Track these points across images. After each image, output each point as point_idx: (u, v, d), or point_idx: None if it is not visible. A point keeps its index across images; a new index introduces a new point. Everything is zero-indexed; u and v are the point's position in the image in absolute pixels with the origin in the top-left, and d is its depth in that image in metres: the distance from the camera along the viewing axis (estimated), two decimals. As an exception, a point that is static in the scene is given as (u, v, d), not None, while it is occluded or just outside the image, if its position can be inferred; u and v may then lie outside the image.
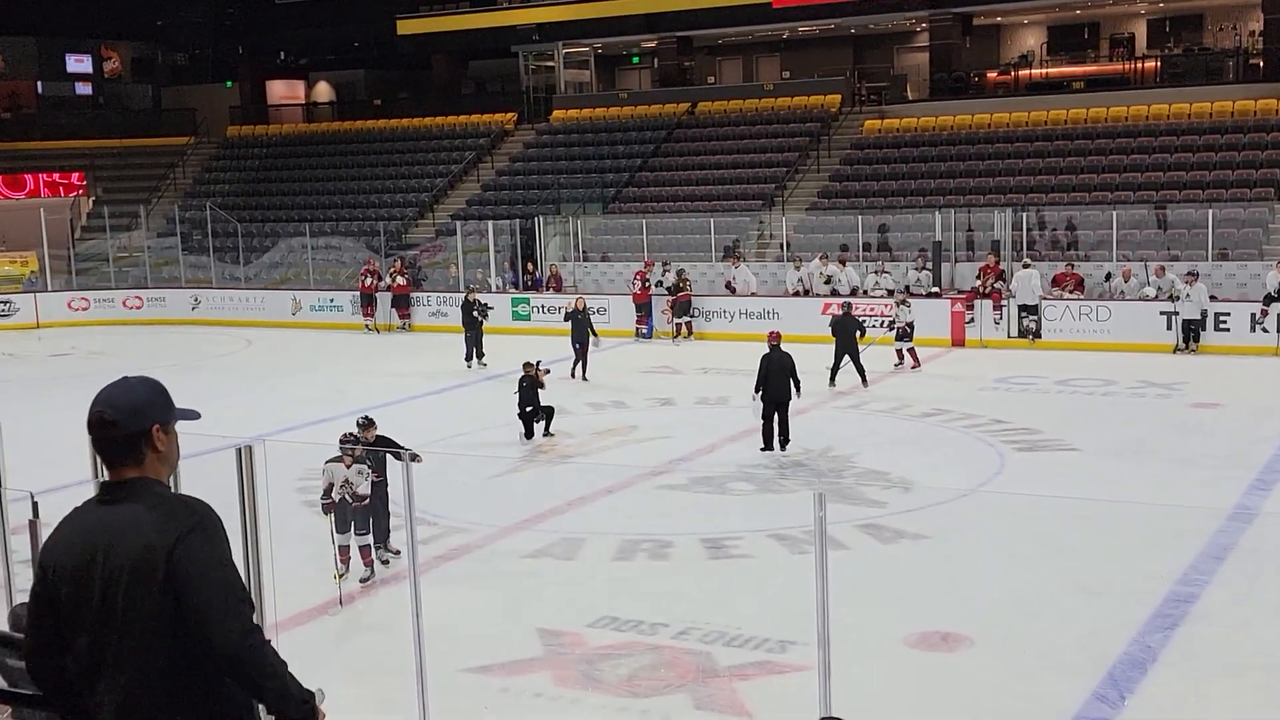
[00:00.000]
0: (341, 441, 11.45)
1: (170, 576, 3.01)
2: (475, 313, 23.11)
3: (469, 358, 23.09)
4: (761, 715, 8.57)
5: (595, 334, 22.05)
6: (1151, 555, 11.49)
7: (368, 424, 12.08)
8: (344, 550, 11.41)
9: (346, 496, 11.28)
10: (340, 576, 11.32)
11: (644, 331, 26.18)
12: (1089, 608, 10.46)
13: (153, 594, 3.02)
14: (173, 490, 3.31)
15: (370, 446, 11.70)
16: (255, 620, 3.09)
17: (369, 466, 11.38)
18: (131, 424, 3.16)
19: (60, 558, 3.15)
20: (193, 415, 3.37)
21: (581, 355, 21.58)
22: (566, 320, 22.04)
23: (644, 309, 26.30)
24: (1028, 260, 23.99)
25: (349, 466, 11.30)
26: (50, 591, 3.15)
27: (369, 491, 11.38)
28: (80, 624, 3.10)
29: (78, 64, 43.62)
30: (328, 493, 11.36)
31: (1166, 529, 12.23)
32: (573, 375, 21.20)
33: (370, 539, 11.45)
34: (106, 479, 3.19)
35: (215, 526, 3.13)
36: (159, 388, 3.29)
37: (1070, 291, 23.76)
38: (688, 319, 25.95)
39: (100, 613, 3.05)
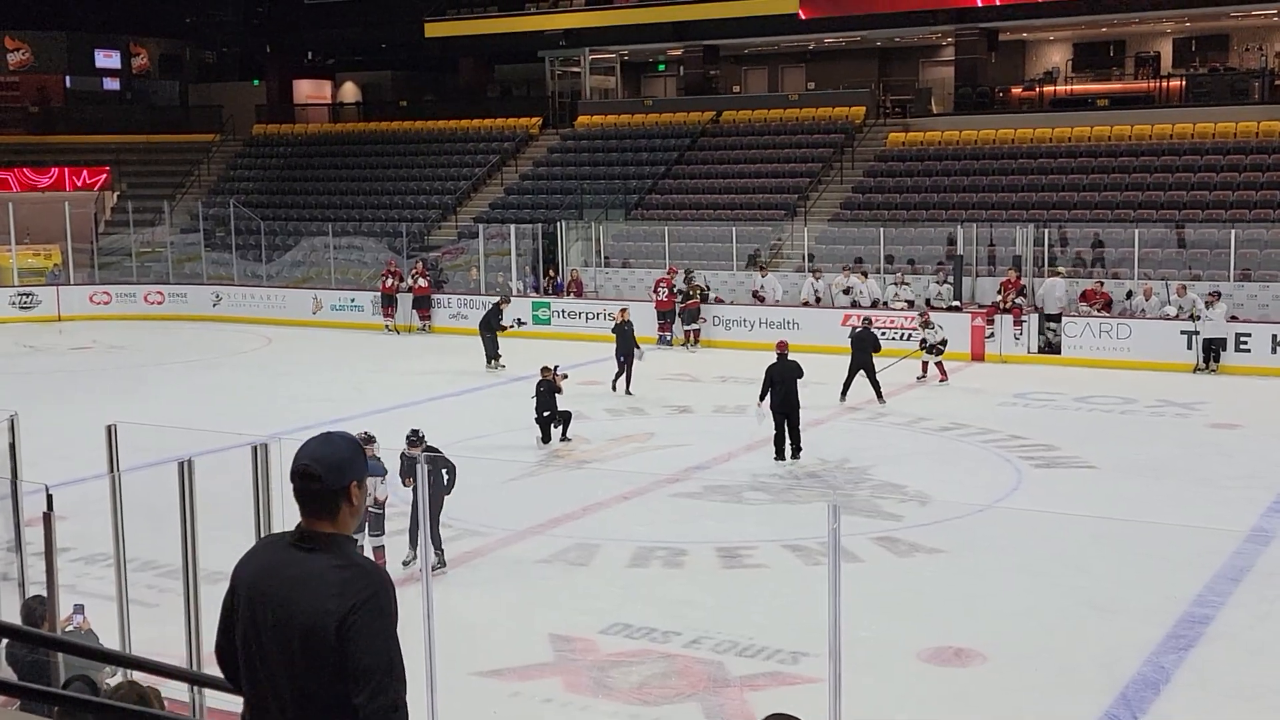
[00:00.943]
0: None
1: (340, 639, 3.23)
2: (498, 320, 23.50)
3: (494, 361, 23.43)
4: (771, 726, 8.54)
5: (638, 346, 21.29)
6: (1167, 575, 11.43)
7: (417, 440, 12.11)
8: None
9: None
10: None
11: (665, 338, 26.18)
12: (1103, 626, 10.41)
13: (321, 651, 3.25)
14: (356, 548, 3.55)
15: (428, 451, 11.81)
16: (403, 697, 3.30)
17: (382, 470, 11.39)
18: (333, 480, 3.34)
19: (247, 587, 3.41)
20: (380, 471, 3.79)
21: (626, 368, 20.73)
22: (613, 332, 21.32)
23: (666, 316, 26.31)
24: (1060, 269, 23.91)
25: None
26: (233, 606, 3.44)
27: (384, 498, 11.40)
28: (251, 646, 3.37)
29: (106, 60, 43.87)
30: None
31: (1183, 549, 12.16)
32: (614, 388, 20.54)
33: (382, 540, 11.45)
34: (301, 525, 3.39)
35: (389, 600, 3.31)
36: (357, 445, 3.50)
37: (1098, 310, 23.67)
38: (695, 327, 25.99)
39: (272, 649, 3.30)
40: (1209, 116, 28.90)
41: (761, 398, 16.11)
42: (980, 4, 32.33)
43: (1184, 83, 32.37)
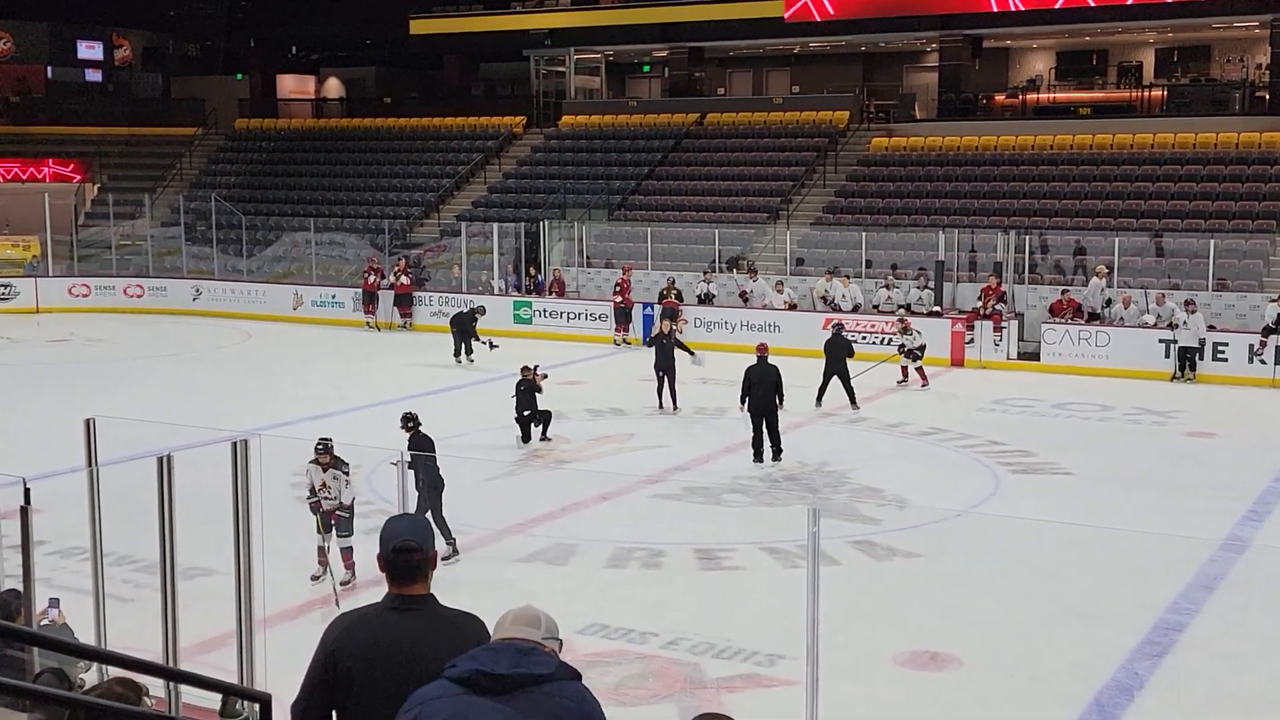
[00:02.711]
0: (315, 448, 11.39)
1: None
2: (472, 325, 23.98)
3: (462, 353, 23.90)
4: (747, 728, 8.57)
5: (692, 353, 19.74)
6: (1142, 583, 11.50)
7: (409, 421, 12.13)
8: (322, 552, 11.40)
9: (323, 502, 11.27)
10: (317, 579, 11.31)
11: (622, 339, 26.46)
12: (1078, 632, 10.47)
13: None
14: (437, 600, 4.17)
15: (417, 437, 12.02)
16: None
17: (344, 473, 11.35)
18: (428, 548, 4.12)
19: (359, 657, 3.99)
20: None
21: (669, 382, 19.36)
22: (650, 345, 20.50)
23: (623, 316, 26.49)
24: (1101, 268, 23.90)
25: (324, 471, 11.28)
26: (339, 678, 3.99)
27: (350, 501, 11.37)
28: (365, 706, 3.97)
29: (89, 50, 43.63)
30: (313, 491, 11.38)
31: (1158, 557, 12.24)
32: (660, 405, 19.34)
33: (351, 542, 11.39)
34: (393, 592, 4.07)
35: (488, 632, 3.88)
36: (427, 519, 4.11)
37: (1070, 319, 23.79)
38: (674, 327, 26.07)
39: (389, 709, 3.69)
40: (1190, 126, 29.10)
41: (743, 400, 16.18)
42: (964, 11, 32.45)
43: (1165, 92, 32.60)
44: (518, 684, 3.43)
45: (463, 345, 23.87)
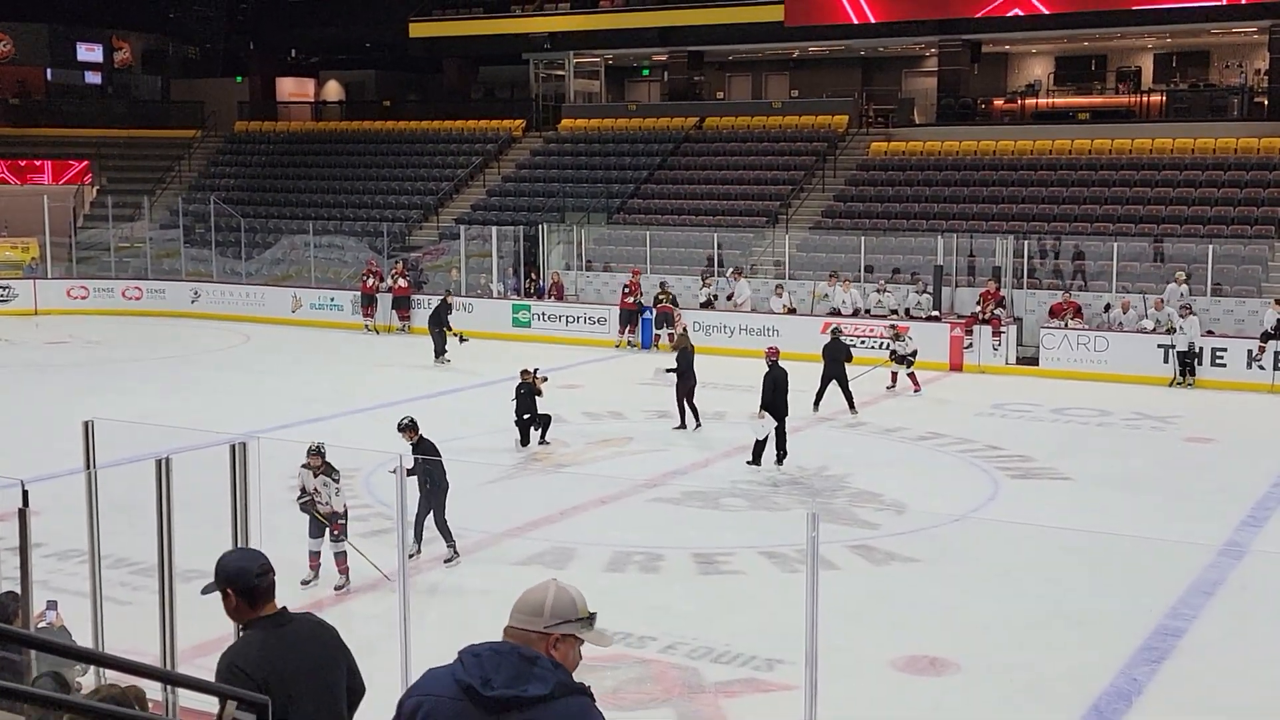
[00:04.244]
0: (308, 452, 11.39)
1: (349, 662, 4.72)
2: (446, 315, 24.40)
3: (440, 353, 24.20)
4: (745, 733, 8.55)
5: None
6: (1141, 588, 11.50)
7: (409, 429, 12.12)
8: (314, 556, 11.38)
9: (317, 509, 11.26)
10: (307, 583, 11.29)
11: (630, 341, 26.54)
12: (1077, 638, 10.46)
13: (345, 673, 4.67)
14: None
15: (420, 441, 12.07)
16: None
17: (335, 480, 11.33)
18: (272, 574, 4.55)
19: (280, 665, 4.40)
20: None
21: (689, 398, 18.04)
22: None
23: (629, 319, 26.59)
24: (1180, 274, 23.78)
25: (315, 477, 11.26)
26: (277, 703, 4.21)
27: (341, 509, 11.36)
28: (304, 702, 4.42)
29: (88, 53, 43.60)
30: (304, 491, 11.38)
31: (1156, 562, 12.24)
32: (682, 424, 18.10)
33: (344, 547, 11.37)
34: (272, 611, 4.51)
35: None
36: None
37: (1070, 320, 23.80)
38: (667, 331, 26.13)
39: (322, 690, 4.51)
40: (1188, 132, 29.10)
41: (763, 406, 16.04)
42: (964, 16, 32.48)
43: (1164, 98, 32.60)
44: (508, 707, 3.21)
45: (442, 347, 24.08)
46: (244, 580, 4.42)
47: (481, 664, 3.30)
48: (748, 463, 15.91)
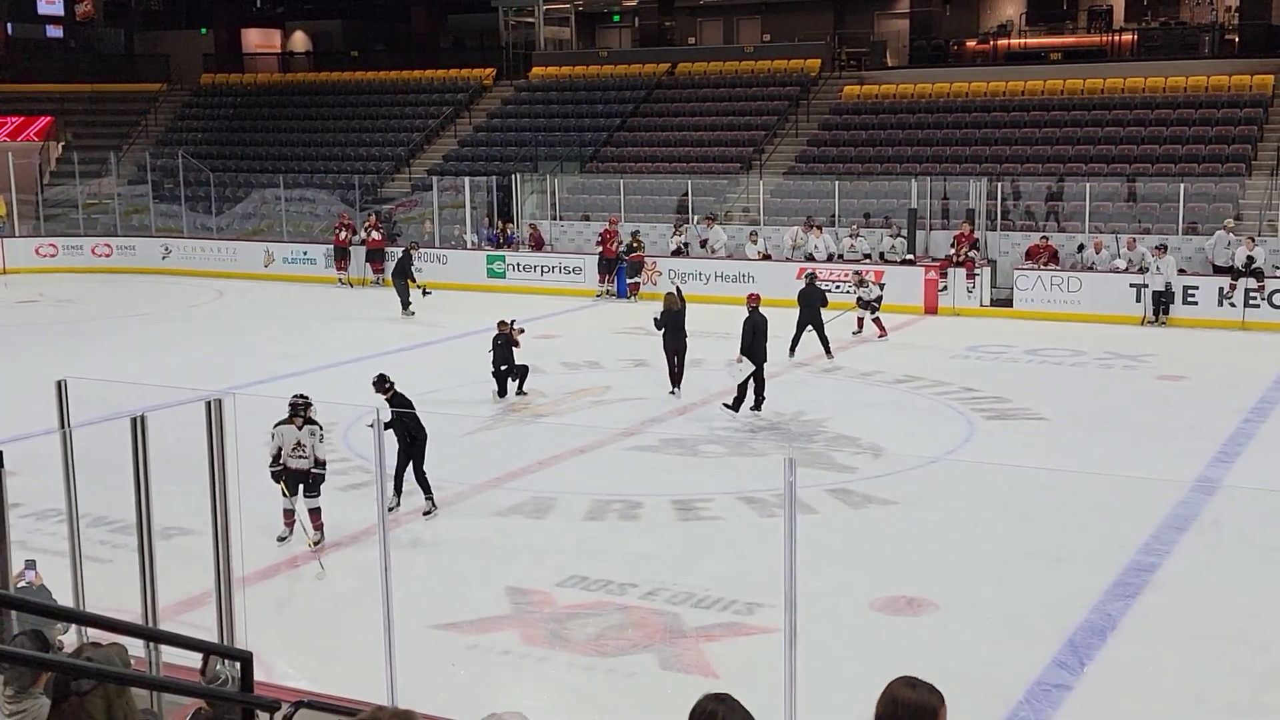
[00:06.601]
0: (291, 404, 11.33)
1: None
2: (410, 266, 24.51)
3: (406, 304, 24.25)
4: (728, 676, 8.65)
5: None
6: (1114, 525, 11.64)
7: (383, 384, 12.09)
8: (289, 514, 11.37)
9: (289, 462, 11.21)
10: (283, 540, 11.30)
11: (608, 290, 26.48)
12: (1052, 575, 10.60)
13: None
14: None
15: (395, 398, 11.98)
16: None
17: (320, 428, 11.31)
18: None
19: None
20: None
21: (679, 363, 17.38)
22: (659, 328, 17.53)
23: (607, 267, 26.53)
24: (1229, 221, 23.25)
25: (300, 428, 11.22)
26: None
27: (324, 455, 11.34)
28: None
29: (49, 6, 42.83)
30: (276, 459, 11.28)
31: (1130, 499, 12.37)
32: (674, 390, 17.39)
33: (319, 502, 11.36)
34: None
35: None
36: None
37: (1045, 264, 23.88)
38: (637, 280, 26.12)
39: None
40: (1160, 71, 29.09)
41: (743, 352, 16.01)
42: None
43: (1135, 37, 32.57)
44: None
45: (408, 299, 24.08)
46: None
47: None
48: (724, 405, 15.95)
